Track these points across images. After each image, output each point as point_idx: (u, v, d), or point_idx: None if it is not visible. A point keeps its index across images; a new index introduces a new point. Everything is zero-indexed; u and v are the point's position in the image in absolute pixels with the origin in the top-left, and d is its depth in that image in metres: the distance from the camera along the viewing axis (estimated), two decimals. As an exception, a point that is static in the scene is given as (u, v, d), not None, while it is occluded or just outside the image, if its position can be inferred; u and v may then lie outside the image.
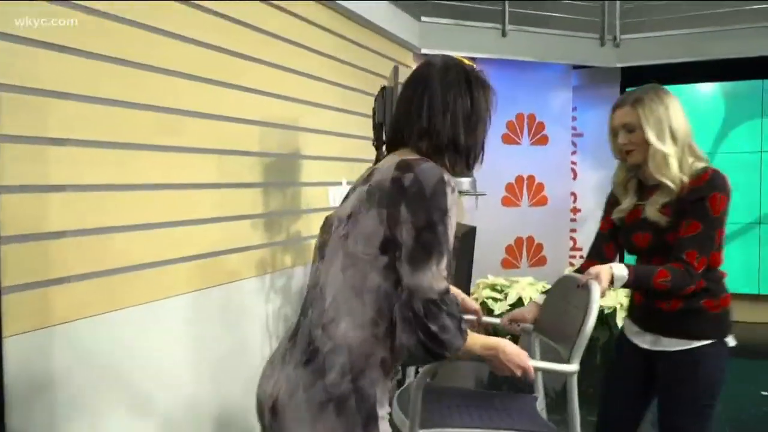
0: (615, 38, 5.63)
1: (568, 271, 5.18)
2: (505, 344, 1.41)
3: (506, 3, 5.22)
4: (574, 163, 6.56)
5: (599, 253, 2.12)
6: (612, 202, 2.12)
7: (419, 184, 1.25)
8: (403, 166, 1.29)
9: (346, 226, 1.32)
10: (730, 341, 1.96)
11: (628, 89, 6.16)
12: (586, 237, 6.54)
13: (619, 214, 2.05)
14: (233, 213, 2.81)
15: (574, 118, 6.46)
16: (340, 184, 3.71)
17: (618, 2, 5.62)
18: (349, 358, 1.25)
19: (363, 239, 1.28)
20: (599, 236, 2.15)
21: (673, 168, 1.87)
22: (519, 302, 4.66)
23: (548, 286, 4.92)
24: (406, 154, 1.36)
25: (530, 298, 4.67)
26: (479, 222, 5.71)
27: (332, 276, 1.31)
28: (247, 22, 2.92)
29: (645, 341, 2.00)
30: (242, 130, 2.89)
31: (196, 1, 2.54)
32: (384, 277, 1.26)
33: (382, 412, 1.29)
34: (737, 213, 5.83)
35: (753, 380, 4.46)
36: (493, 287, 4.86)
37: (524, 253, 5.82)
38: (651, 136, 1.89)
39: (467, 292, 2.71)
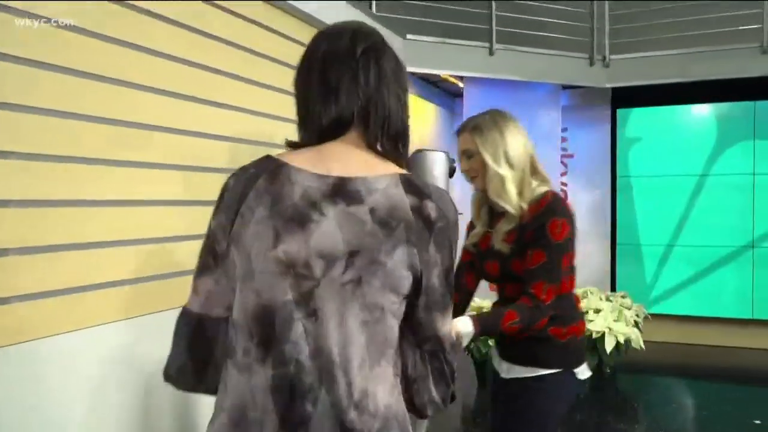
0: (605, 58, 5.58)
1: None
2: None
3: (493, 21, 5.17)
4: (564, 184, 6.49)
5: (458, 285, 2.01)
6: (470, 230, 2.09)
7: (445, 218, 1.05)
8: (416, 191, 1.05)
9: (352, 268, 1.00)
10: (581, 372, 1.89)
11: (618, 110, 6.16)
12: (578, 259, 6.42)
13: (471, 240, 2.03)
14: (200, 232, 2.71)
15: (564, 139, 6.40)
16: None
17: (607, 22, 5.58)
18: (400, 430, 1.04)
19: (390, 285, 1.01)
20: (459, 267, 2.08)
21: (511, 192, 1.85)
22: (505, 326, 4.55)
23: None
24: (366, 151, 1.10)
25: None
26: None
27: (348, 337, 1.00)
28: (218, 36, 2.84)
29: (502, 369, 1.97)
30: (211, 146, 2.80)
31: (153, 5, 2.47)
32: (398, 329, 1.06)
33: None
34: (729, 236, 5.77)
35: (745, 408, 4.33)
36: (479, 311, 4.73)
37: (512, 275, 5.72)
38: (488, 160, 1.89)
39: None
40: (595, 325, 4.40)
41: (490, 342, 4.56)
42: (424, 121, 5.96)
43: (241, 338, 1.04)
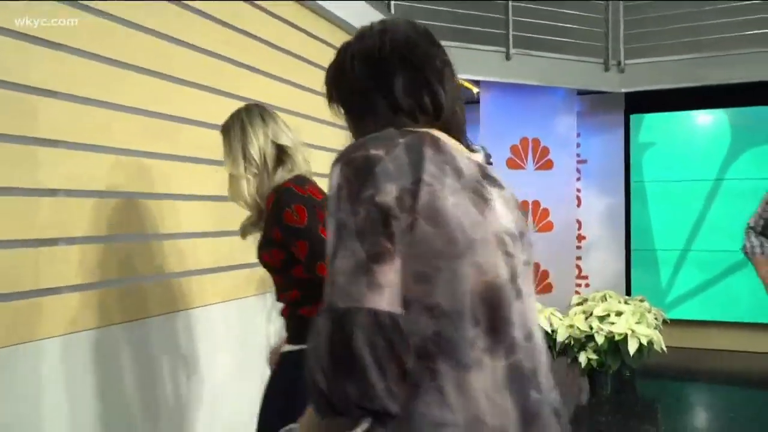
0: (619, 63, 5.61)
1: (576, 299, 5.09)
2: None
3: (510, 26, 5.20)
4: (578, 189, 6.48)
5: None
6: None
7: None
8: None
9: (525, 249, 0.98)
10: None
11: (631, 115, 6.15)
12: (592, 265, 6.44)
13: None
14: (230, 228, 2.70)
15: (578, 145, 6.41)
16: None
17: (622, 27, 5.62)
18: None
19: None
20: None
21: (243, 189, 1.82)
22: (526, 329, 4.53)
23: (557, 313, 4.79)
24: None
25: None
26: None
27: (536, 317, 0.98)
28: (249, 32, 2.86)
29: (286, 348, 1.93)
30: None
31: (194, 1, 2.48)
32: None
33: None
34: (743, 241, 5.74)
35: (765, 412, 4.30)
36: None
37: (530, 279, 5.70)
38: (226, 161, 1.86)
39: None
40: (617, 327, 4.37)
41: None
42: (438, 126, 5.98)
43: (461, 328, 0.87)
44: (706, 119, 5.99)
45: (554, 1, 5.48)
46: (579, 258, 6.49)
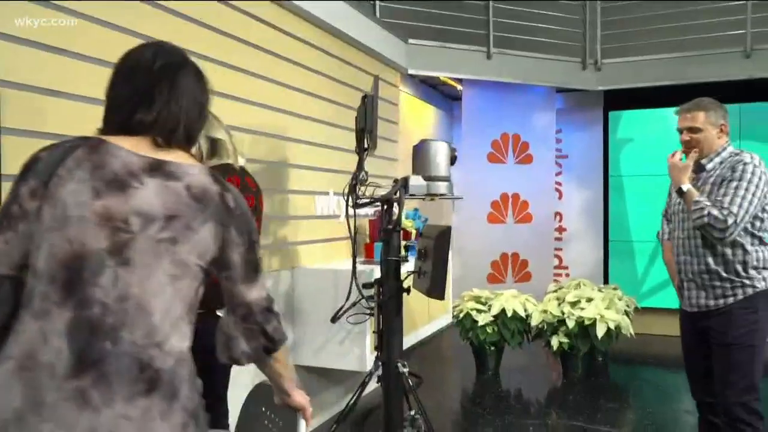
0: (596, 62, 5.86)
1: (552, 286, 5.35)
2: (297, 390, 1.47)
3: (491, 26, 5.45)
4: (559, 183, 6.75)
5: None
6: None
7: (241, 208, 1.27)
8: (220, 183, 1.25)
9: (167, 229, 1.15)
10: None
11: (610, 112, 6.41)
12: (572, 255, 6.71)
13: None
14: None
15: (559, 140, 6.67)
16: (327, 193, 3.87)
17: (599, 28, 5.87)
18: (188, 371, 1.20)
19: (198, 250, 1.19)
20: None
21: None
22: (502, 313, 4.79)
23: (532, 299, 5.06)
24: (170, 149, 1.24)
25: (513, 310, 4.81)
26: (466, 238, 5.88)
27: (155, 286, 1.14)
28: (241, 38, 3.10)
29: None
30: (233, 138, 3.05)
31: (184, 4, 2.72)
32: (195, 293, 1.23)
33: None
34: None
35: None
36: (477, 299, 4.97)
37: (509, 268, 5.97)
38: None
39: (443, 291, 2.84)
40: (587, 312, 4.64)
41: (488, 329, 4.81)
42: (423, 121, 6.23)
43: (40, 285, 1.10)
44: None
45: (533, 2, 5.72)
46: (560, 249, 6.77)
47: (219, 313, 2.09)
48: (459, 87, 5.91)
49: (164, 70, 1.23)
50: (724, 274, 2.43)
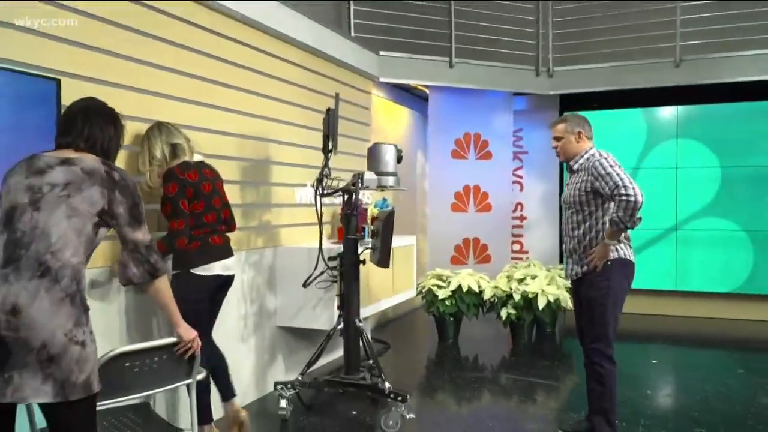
0: (548, 70, 6.62)
1: (507, 267, 6.12)
2: (184, 324, 2.24)
3: (453, 39, 6.21)
4: (520, 177, 7.53)
5: None
6: None
7: (125, 180, 2.00)
8: (109, 166, 1.98)
9: (65, 189, 1.87)
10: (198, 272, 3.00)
11: (566, 113, 7.19)
12: (532, 241, 7.50)
13: None
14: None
15: (520, 138, 7.45)
16: (305, 185, 4.63)
17: (551, 40, 6.63)
18: (72, 272, 1.85)
19: (88, 202, 1.90)
20: None
21: (148, 179, 3.01)
22: (459, 289, 5.57)
23: (485, 277, 5.82)
24: (79, 154, 1.99)
25: (468, 286, 5.59)
26: (433, 225, 6.66)
27: (55, 221, 1.84)
28: (228, 59, 3.85)
29: None
30: (223, 140, 3.82)
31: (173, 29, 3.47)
32: (93, 229, 1.92)
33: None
34: (656, 220, 6.80)
35: (667, 362, 5.36)
36: (439, 277, 5.76)
37: (471, 251, 6.75)
38: (139, 163, 3.03)
39: (388, 262, 3.61)
40: (531, 287, 5.42)
41: (447, 302, 5.57)
42: (398, 122, 6.98)
43: None
44: (626, 117, 7.00)
45: (492, 16, 6.47)
46: (521, 235, 7.56)
47: (192, 271, 2.90)
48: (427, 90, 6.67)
49: (80, 112, 2.06)
50: (586, 250, 3.16)
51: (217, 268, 3.04)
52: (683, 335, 6.20)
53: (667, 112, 6.82)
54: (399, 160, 3.77)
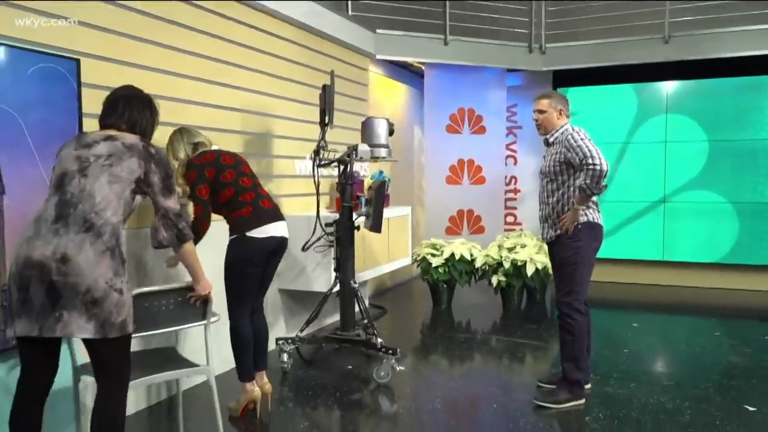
0: (541, 47, 6.83)
1: (499, 237, 6.39)
2: (204, 281, 2.57)
3: (447, 17, 6.42)
4: (514, 151, 7.77)
5: None
6: None
7: (160, 154, 2.31)
8: (146, 143, 2.30)
9: (108, 159, 2.18)
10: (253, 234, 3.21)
11: (558, 89, 7.41)
12: (526, 213, 7.77)
13: None
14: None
15: (514, 113, 7.68)
16: (304, 158, 4.90)
17: (544, 16, 6.82)
18: (112, 229, 2.14)
19: (127, 170, 2.20)
20: None
21: (178, 178, 3.17)
22: (452, 257, 5.86)
23: (477, 246, 6.10)
24: (120, 132, 2.31)
25: (461, 255, 5.88)
26: (429, 197, 6.94)
27: (99, 185, 2.14)
28: (231, 39, 4.11)
29: None
30: (227, 115, 4.09)
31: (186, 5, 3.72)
32: (131, 194, 2.23)
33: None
34: (645, 192, 7.07)
35: (653, 329, 5.66)
36: (433, 246, 6.05)
37: (465, 222, 7.04)
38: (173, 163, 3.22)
39: (380, 227, 3.89)
40: (520, 255, 5.71)
41: (440, 270, 5.86)
42: (395, 98, 7.22)
43: (50, 187, 2.22)
44: (618, 92, 7.21)
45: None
46: (515, 208, 7.83)
47: (248, 234, 3.16)
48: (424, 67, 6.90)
49: (122, 98, 2.38)
50: (559, 215, 3.44)
51: (270, 230, 3.23)
52: (668, 303, 6.48)
53: (657, 88, 7.02)
54: (391, 133, 4.04)
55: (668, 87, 6.98)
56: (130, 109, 2.33)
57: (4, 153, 2.45)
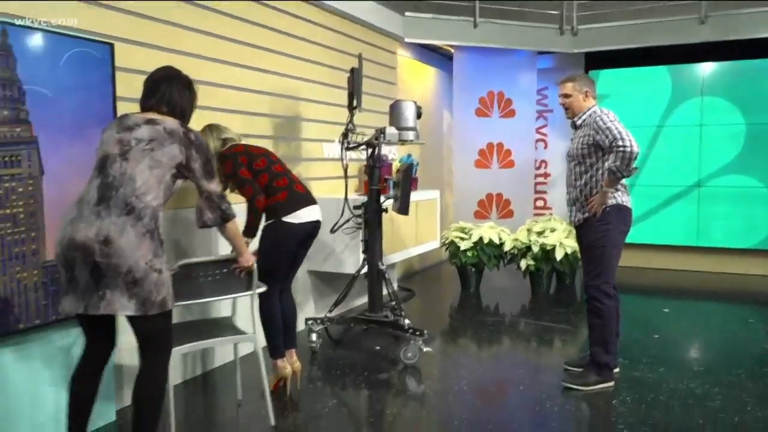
0: (572, 28, 6.71)
1: (528, 221, 6.36)
2: (246, 254, 2.69)
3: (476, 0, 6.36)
4: (545, 134, 7.69)
5: None
6: None
7: (199, 140, 2.36)
8: (186, 128, 2.34)
9: (149, 144, 2.23)
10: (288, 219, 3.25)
11: (590, 71, 7.30)
12: (556, 197, 7.70)
13: None
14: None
15: (545, 96, 7.59)
16: (333, 141, 4.93)
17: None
18: (152, 212, 2.21)
19: (168, 156, 2.25)
20: None
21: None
22: (480, 241, 5.85)
23: (506, 230, 6.08)
24: (162, 115, 2.36)
25: (489, 238, 5.86)
26: (458, 180, 6.92)
27: (140, 169, 2.20)
28: (263, 23, 4.14)
29: None
30: (258, 99, 4.13)
31: None
32: (171, 179, 2.29)
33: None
34: (679, 177, 6.94)
35: (685, 314, 5.59)
36: (461, 230, 6.05)
37: (494, 206, 7.01)
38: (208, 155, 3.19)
39: (407, 210, 3.90)
40: (549, 239, 5.67)
41: (469, 253, 5.85)
42: (424, 81, 7.19)
43: (93, 169, 2.26)
44: (651, 75, 7.06)
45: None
46: (544, 192, 7.76)
47: (284, 219, 3.22)
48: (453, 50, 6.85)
49: (162, 79, 2.44)
50: (588, 198, 3.41)
51: (304, 215, 3.27)
52: (701, 289, 6.38)
53: (692, 70, 6.86)
54: (419, 116, 4.04)
55: (704, 69, 6.81)
56: (170, 90, 2.38)
57: (43, 135, 2.52)
